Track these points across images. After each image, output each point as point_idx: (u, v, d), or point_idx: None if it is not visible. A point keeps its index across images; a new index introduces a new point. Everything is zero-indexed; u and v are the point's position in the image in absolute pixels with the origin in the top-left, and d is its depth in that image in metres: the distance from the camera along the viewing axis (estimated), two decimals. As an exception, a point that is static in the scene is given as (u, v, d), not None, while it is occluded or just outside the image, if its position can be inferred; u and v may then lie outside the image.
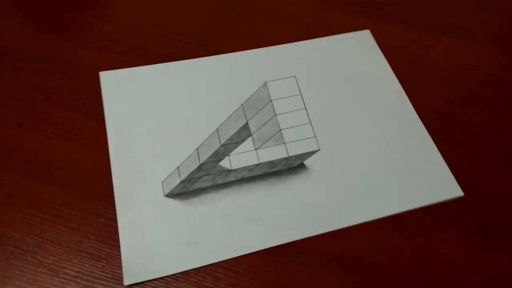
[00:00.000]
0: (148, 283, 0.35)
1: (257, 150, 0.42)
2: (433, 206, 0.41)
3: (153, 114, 0.44)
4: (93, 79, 0.45)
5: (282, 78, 0.48)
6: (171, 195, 0.40)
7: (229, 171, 0.41)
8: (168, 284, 0.35)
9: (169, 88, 0.46)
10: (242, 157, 0.42)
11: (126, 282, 0.35)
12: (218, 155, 0.41)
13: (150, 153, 0.42)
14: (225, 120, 0.44)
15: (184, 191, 0.40)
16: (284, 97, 0.46)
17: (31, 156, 0.40)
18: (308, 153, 0.42)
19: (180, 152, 0.42)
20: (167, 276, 0.36)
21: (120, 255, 0.36)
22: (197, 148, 0.42)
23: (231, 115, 0.44)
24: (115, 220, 0.38)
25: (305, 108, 0.46)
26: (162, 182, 0.41)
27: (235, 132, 0.43)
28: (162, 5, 0.52)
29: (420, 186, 0.42)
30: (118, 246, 0.37)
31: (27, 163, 0.40)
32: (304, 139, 0.43)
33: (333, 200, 0.40)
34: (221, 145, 0.42)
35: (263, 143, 0.43)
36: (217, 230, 0.38)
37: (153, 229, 0.38)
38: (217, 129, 0.43)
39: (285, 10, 0.53)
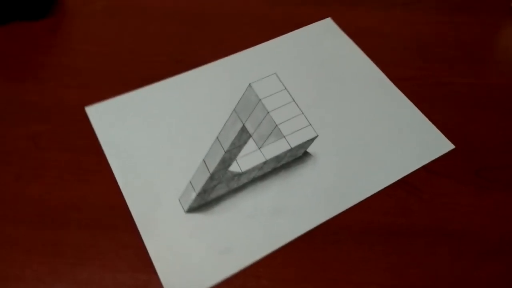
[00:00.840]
0: (194, 298, 0.35)
1: (261, 148, 0.44)
2: (431, 163, 0.44)
3: (150, 135, 0.44)
4: (80, 116, 0.45)
5: (264, 77, 0.50)
6: (191, 209, 0.40)
7: (240, 174, 0.42)
8: (214, 295, 0.36)
9: (158, 108, 0.46)
10: (249, 159, 0.43)
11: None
12: (226, 162, 0.42)
13: (158, 173, 0.42)
14: (222, 128, 0.45)
15: (203, 203, 0.41)
16: (271, 95, 0.48)
17: (39, 205, 0.39)
18: (308, 141, 0.44)
19: (186, 167, 0.43)
20: None
21: (158, 279, 0.36)
22: (203, 160, 0.42)
23: (226, 121, 0.45)
24: (143, 246, 0.38)
25: (294, 100, 0.48)
26: (179, 199, 0.41)
27: (235, 137, 0.44)
28: (126, 31, 0.52)
29: (415, 148, 0.45)
30: (154, 271, 0.37)
31: (36, 214, 0.39)
32: (301, 129, 0.45)
33: (343, 179, 0.43)
34: (226, 152, 0.43)
35: (265, 141, 0.44)
36: (246, 232, 0.39)
37: (184, 246, 0.38)
38: (217, 138, 0.44)
39: (248, 14, 0.55)
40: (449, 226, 0.41)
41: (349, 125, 0.46)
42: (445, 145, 0.45)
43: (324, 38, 0.54)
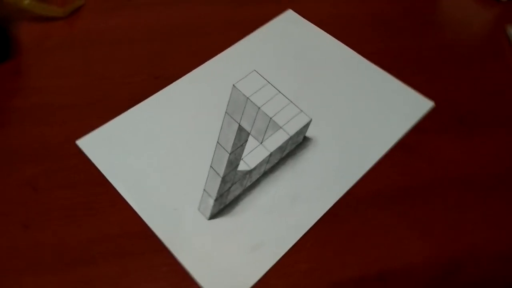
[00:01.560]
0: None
1: (263, 143, 0.45)
2: (419, 123, 0.47)
3: (149, 154, 0.44)
4: (73, 151, 0.43)
5: (245, 76, 0.51)
6: (213, 216, 0.40)
7: (250, 171, 0.43)
8: (260, 290, 0.36)
9: (150, 126, 0.46)
10: (254, 155, 0.44)
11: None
12: (233, 163, 0.43)
13: (169, 189, 0.41)
14: (220, 132, 0.45)
15: (222, 207, 0.41)
16: (256, 91, 0.49)
17: (56, 248, 0.37)
18: (304, 126, 0.46)
19: (194, 176, 0.43)
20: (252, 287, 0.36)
21: (201, 290, 0.36)
22: (211, 166, 0.42)
23: (222, 125, 0.45)
24: (177, 263, 0.37)
25: (280, 92, 0.50)
26: (199, 209, 0.41)
27: (235, 137, 0.44)
28: (92, 59, 0.51)
29: (400, 112, 0.48)
30: (195, 283, 0.36)
31: (56, 257, 0.37)
32: (294, 116, 0.47)
33: (346, 154, 0.45)
34: (230, 153, 0.43)
35: (264, 135, 0.45)
36: (271, 224, 0.40)
37: (216, 251, 0.38)
38: (218, 142, 0.44)
39: (213, 21, 0.56)
40: (450, 174, 0.44)
41: (337, 105, 0.49)
42: (425, 104, 0.49)
43: (290, 28, 0.56)
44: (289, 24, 0.56)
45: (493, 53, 0.54)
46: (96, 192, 0.41)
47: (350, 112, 0.48)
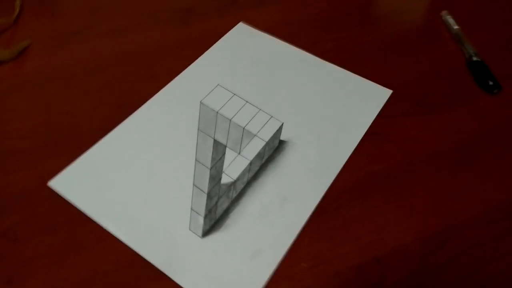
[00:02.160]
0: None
1: (241, 153, 0.45)
2: (382, 111, 0.50)
3: (127, 183, 0.43)
4: (47, 193, 0.41)
5: (211, 91, 0.51)
6: (206, 232, 0.40)
7: (234, 182, 0.43)
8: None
9: (123, 155, 0.45)
10: (234, 166, 0.44)
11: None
12: (215, 177, 0.43)
13: (155, 215, 0.41)
14: (196, 149, 0.45)
15: (213, 222, 0.41)
16: (224, 104, 0.49)
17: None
18: (277, 130, 0.47)
19: (178, 196, 0.42)
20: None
21: (209, 309, 0.35)
22: (194, 184, 0.42)
23: (197, 142, 0.45)
24: (178, 287, 0.36)
25: (247, 102, 0.50)
26: (190, 229, 0.40)
27: (212, 152, 0.44)
28: (50, 98, 0.49)
29: (365, 104, 0.51)
30: (201, 303, 0.36)
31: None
32: (266, 122, 0.48)
33: (322, 150, 0.46)
34: (210, 169, 0.43)
35: (240, 145, 0.46)
36: (266, 229, 0.40)
37: (216, 267, 0.38)
38: (196, 159, 0.44)
39: (166, 42, 0.56)
40: (419, 152, 0.46)
41: (303, 106, 0.50)
42: (385, 93, 0.52)
43: (244, 40, 0.57)
44: (242, 36, 0.58)
45: (434, 39, 0.59)
46: (80, 231, 0.39)
47: (316, 111, 0.50)
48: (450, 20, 0.59)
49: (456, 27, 0.58)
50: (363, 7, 0.63)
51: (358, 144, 0.47)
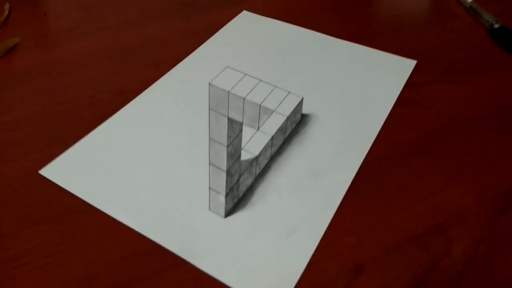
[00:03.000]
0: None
1: (260, 129, 0.40)
2: (410, 79, 0.45)
3: (132, 169, 0.37)
4: (39, 183, 0.35)
5: (219, 73, 0.47)
6: (229, 212, 0.34)
7: (256, 158, 0.37)
8: (319, 264, 0.29)
9: (124, 141, 0.39)
10: (255, 142, 0.39)
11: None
12: (233, 155, 0.37)
13: (168, 197, 0.34)
14: (209, 129, 0.40)
15: (236, 201, 0.35)
16: (235, 84, 0.45)
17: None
18: (298, 105, 0.42)
19: (191, 178, 0.36)
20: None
21: (243, 297, 0.28)
22: (210, 163, 0.36)
23: (209, 122, 0.40)
24: (202, 274, 0.29)
25: (261, 80, 0.46)
26: (210, 209, 0.34)
27: (227, 130, 0.39)
28: (45, 88, 0.44)
29: (390, 76, 0.46)
30: (232, 291, 0.29)
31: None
32: (284, 98, 0.43)
33: (350, 121, 0.41)
34: (228, 146, 0.38)
35: (259, 122, 0.40)
36: (300, 204, 0.34)
37: (246, 250, 0.31)
38: (209, 138, 0.39)
39: (168, 34, 0.52)
40: (457, 117, 0.42)
41: (322, 84, 0.46)
42: (409, 63, 0.48)
43: (250, 25, 0.54)
44: (247, 22, 0.54)
45: (449, 14, 0.56)
46: (78, 221, 0.33)
47: (339, 87, 0.45)
48: (462, -4, 0.57)
49: (469, 0, 0.55)
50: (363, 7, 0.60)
51: (389, 114, 0.42)
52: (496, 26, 0.51)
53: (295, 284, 0.29)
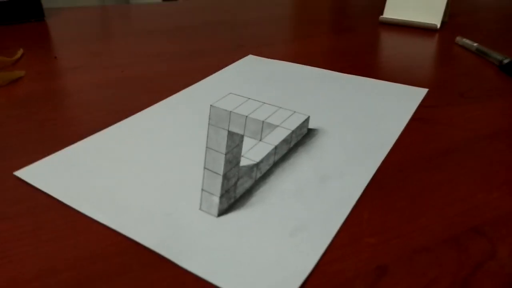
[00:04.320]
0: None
1: (263, 140, 0.36)
2: (423, 102, 0.43)
3: (118, 172, 0.32)
4: (11, 183, 0.31)
5: (222, 98, 0.45)
6: (223, 212, 0.28)
7: (257, 164, 0.33)
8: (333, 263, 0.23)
9: (109, 151, 0.35)
10: (257, 150, 0.35)
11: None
12: (232, 161, 0.33)
13: (148, 201, 0.30)
14: (207, 139, 0.36)
15: (232, 201, 0.30)
16: (238, 106, 0.42)
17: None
18: (304, 121, 0.39)
19: (175, 181, 0.32)
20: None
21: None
22: (205, 168, 0.32)
23: (208, 134, 0.37)
24: (182, 273, 0.23)
25: (265, 103, 0.43)
26: (200, 209, 0.29)
27: (227, 141, 0.36)
28: (42, 109, 0.42)
29: (401, 100, 0.44)
30: (221, 291, 0.22)
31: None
32: (289, 116, 0.40)
33: (362, 135, 0.38)
34: (226, 154, 0.34)
35: (261, 134, 0.37)
36: (307, 206, 0.29)
37: (246, 247, 0.25)
38: (207, 147, 0.35)
39: (170, 71, 0.52)
40: (476, 133, 0.38)
41: (330, 113, 0.43)
42: (420, 91, 0.45)
43: (256, 65, 0.53)
44: (253, 63, 0.54)
45: (456, 57, 0.55)
46: (45, 218, 0.28)
47: (348, 110, 0.42)
48: (467, 41, 0.57)
49: (475, 44, 0.55)
50: (370, 47, 0.61)
51: (405, 127, 0.38)
52: (506, 61, 0.49)
53: (300, 285, 0.23)
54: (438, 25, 0.64)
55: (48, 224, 0.27)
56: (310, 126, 0.40)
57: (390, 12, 0.68)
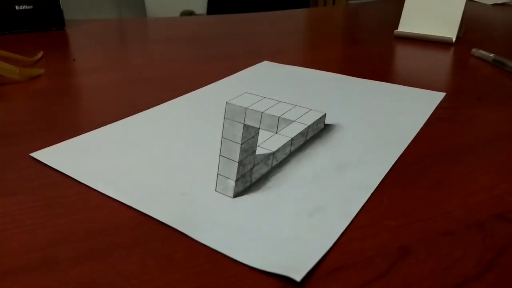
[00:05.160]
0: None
1: (279, 133, 0.36)
2: (441, 104, 0.42)
3: (129, 154, 0.32)
4: (26, 163, 0.31)
5: (237, 96, 0.45)
6: (239, 194, 0.28)
7: (274, 152, 0.33)
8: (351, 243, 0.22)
9: (124, 139, 0.35)
10: (274, 140, 0.35)
11: (298, 277, 0.20)
12: (247, 150, 0.33)
13: (168, 179, 0.29)
14: (222, 131, 0.36)
15: (248, 185, 0.29)
16: (254, 103, 0.42)
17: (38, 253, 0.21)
18: (320, 117, 0.39)
19: (191, 165, 0.31)
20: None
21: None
22: (220, 155, 0.32)
23: (223, 127, 0.37)
24: (197, 245, 0.23)
25: (281, 101, 0.43)
26: (216, 190, 0.28)
27: (242, 132, 0.36)
28: (60, 100, 0.43)
29: (419, 102, 0.43)
30: (232, 264, 0.21)
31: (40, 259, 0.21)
32: (305, 113, 0.40)
33: (383, 127, 0.37)
34: (241, 143, 0.34)
35: (277, 127, 0.37)
36: (327, 188, 0.28)
37: (260, 225, 0.25)
38: (223, 137, 0.35)
39: (186, 73, 0.52)
40: (501, 129, 0.37)
41: (347, 114, 0.43)
42: (438, 95, 0.45)
43: (272, 69, 0.53)
44: (268, 67, 0.54)
45: (473, 67, 0.55)
46: (57, 194, 0.27)
47: (366, 109, 0.42)
48: (483, 52, 0.56)
49: (491, 55, 0.55)
50: (386, 57, 0.61)
51: (424, 124, 0.38)
52: (526, 70, 0.49)
53: (316, 262, 0.22)
54: (454, 39, 0.64)
55: (61, 199, 0.27)
56: (327, 122, 0.39)
57: (405, 26, 0.68)
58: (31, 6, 0.71)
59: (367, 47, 0.64)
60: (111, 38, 0.70)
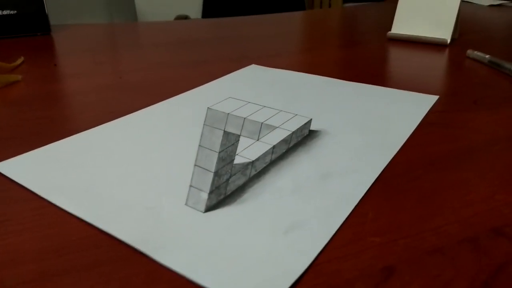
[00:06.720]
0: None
1: (260, 140, 0.34)
2: (434, 107, 0.40)
3: (95, 166, 0.30)
4: (-16, 178, 0.29)
5: (220, 102, 0.43)
6: (211, 208, 0.26)
7: (253, 162, 0.30)
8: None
9: (92, 149, 0.33)
10: (254, 148, 0.32)
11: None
12: (225, 159, 0.31)
13: (130, 191, 0.27)
14: (200, 138, 0.34)
15: (222, 198, 0.27)
16: (236, 109, 0.40)
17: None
18: (305, 123, 0.36)
19: (159, 177, 0.29)
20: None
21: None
22: (196, 165, 0.30)
23: (201, 133, 0.35)
24: (159, 269, 0.20)
25: (265, 106, 0.41)
26: (186, 204, 0.26)
27: (221, 140, 0.33)
28: (36, 106, 0.41)
29: (411, 105, 0.41)
30: (200, 289, 0.19)
31: None
32: (290, 119, 0.38)
33: (372, 132, 0.35)
34: (219, 152, 0.32)
35: (259, 134, 0.35)
36: (307, 201, 0.26)
37: (232, 244, 0.22)
38: (199, 145, 0.33)
39: (172, 77, 0.50)
40: (496, 134, 0.35)
41: (336, 117, 0.41)
42: (431, 98, 0.43)
43: (259, 72, 0.51)
44: (255, 71, 0.52)
45: (469, 68, 0.53)
46: (14, 210, 0.25)
47: (353, 119, 0.40)
48: (479, 54, 0.54)
49: (487, 56, 0.53)
50: (378, 59, 0.59)
51: (415, 130, 0.35)
52: (523, 71, 0.47)
53: (291, 284, 0.20)
54: (448, 40, 0.62)
55: (17, 216, 0.25)
56: (313, 128, 0.37)
57: (398, 28, 0.66)
58: (15, 11, 0.69)
59: (359, 49, 0.62)
60: (97, 43, 0.68)
